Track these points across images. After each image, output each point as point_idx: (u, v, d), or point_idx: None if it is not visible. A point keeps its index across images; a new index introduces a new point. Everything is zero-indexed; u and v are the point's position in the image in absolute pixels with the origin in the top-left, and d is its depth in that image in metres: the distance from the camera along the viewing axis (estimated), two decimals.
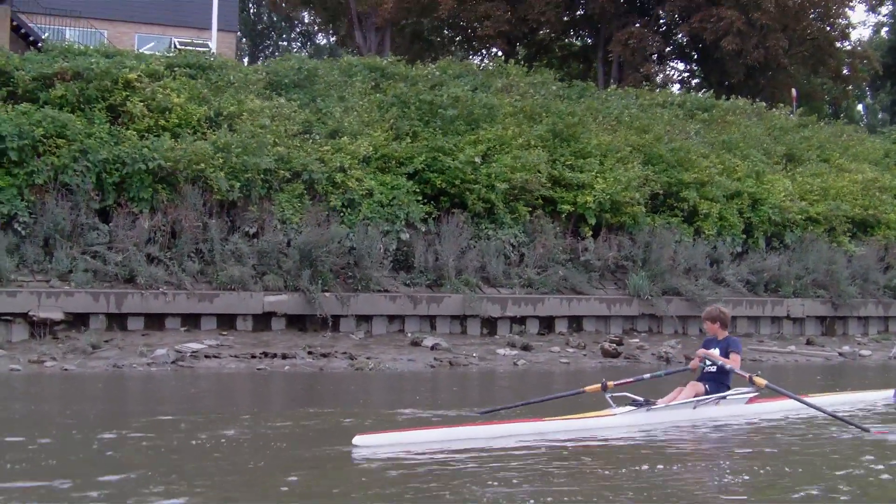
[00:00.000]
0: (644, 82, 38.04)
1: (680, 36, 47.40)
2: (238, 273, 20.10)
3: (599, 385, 12.54)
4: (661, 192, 25.65)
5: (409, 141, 23.90)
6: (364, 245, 21.22)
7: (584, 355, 20.77)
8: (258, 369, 17.50)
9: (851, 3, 49.14)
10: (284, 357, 18.40)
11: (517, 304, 22.18)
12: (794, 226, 27.01)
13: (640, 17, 45.45)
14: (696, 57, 50.47)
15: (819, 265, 26.12)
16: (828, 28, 47.67)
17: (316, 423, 11.79)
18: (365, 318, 21.16)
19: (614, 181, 24.44)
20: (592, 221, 24.16)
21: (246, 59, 65.29)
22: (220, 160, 21.24)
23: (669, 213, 25.80)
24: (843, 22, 48.04)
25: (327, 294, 20.50)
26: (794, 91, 40.94)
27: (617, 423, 12.24)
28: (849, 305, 26.10)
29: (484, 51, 50.59)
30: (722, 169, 27.36)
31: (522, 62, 37.27)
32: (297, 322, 20.71)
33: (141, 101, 22.23)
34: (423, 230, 22.47)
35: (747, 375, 12.54)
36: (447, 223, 22.59)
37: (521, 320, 22.40)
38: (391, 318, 21.37)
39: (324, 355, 18.76)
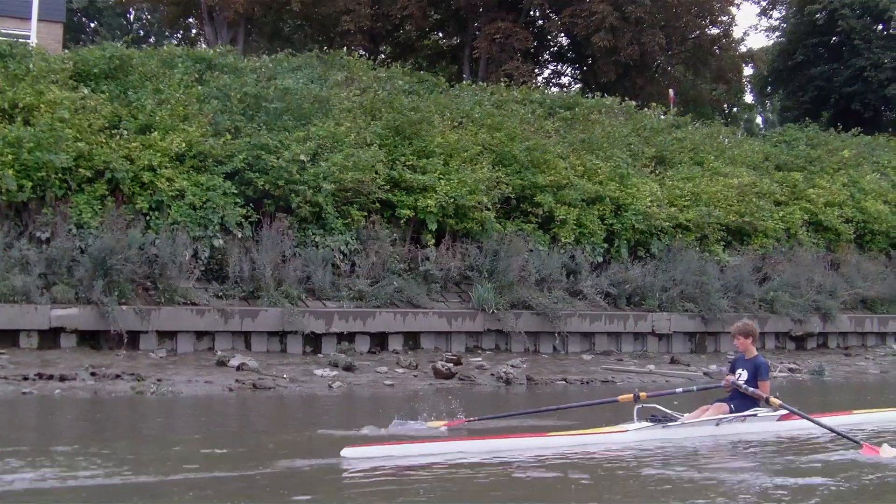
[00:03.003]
0: (509, 80, 37.08)
1: (554, 33, 46.83)
2: (21, 283, 18.71)
3: (632, 395, 13.30)
4: (513, 195, 24.75)
5: (230, 137, 22.69)
6: (168, 252, 19.94)
7: (415, 376, 19.73)
8: (24, 393, 16.13)
9: (736, 2, 49.16)
10: (63, 379, 17.03)
11: (344, 318, 21.09)
12: (661, 233, 26.29)
13: (509, 12, 44.71)
14: (570, 56, 50.07)
15: (688, 276, 25.46)
16: (710, 27, 47.48)
17: None
18: (169, 335, 19.91)
19: (459, 183, 23.47)
20: (434, 227, 23.22)
21: None
22: (10, 156, 19.85)
23: (523, 219, 24.92)
24: (725, 18, 47.87)
25: (125, 307, 19.20)
26: (671, 91, 40.51)
27: (629, 438, 12.65)
28: (720, 320, 25.42)
29: (346, 49, 49.52)
30: (582, 171, 26.56)
31: (388, 61, 36.37)
32: (91, 339, 19.40)
33: None
34: (240, 236, 21.24)
35: (764, 396, 13.20)
36: (269, 228, 21.43)
37: (350, 337, 21.32)
38: (200, 335, 20.17)
39: (109, 377, 17.42)
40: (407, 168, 23.81)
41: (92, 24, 65.07)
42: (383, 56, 47.44)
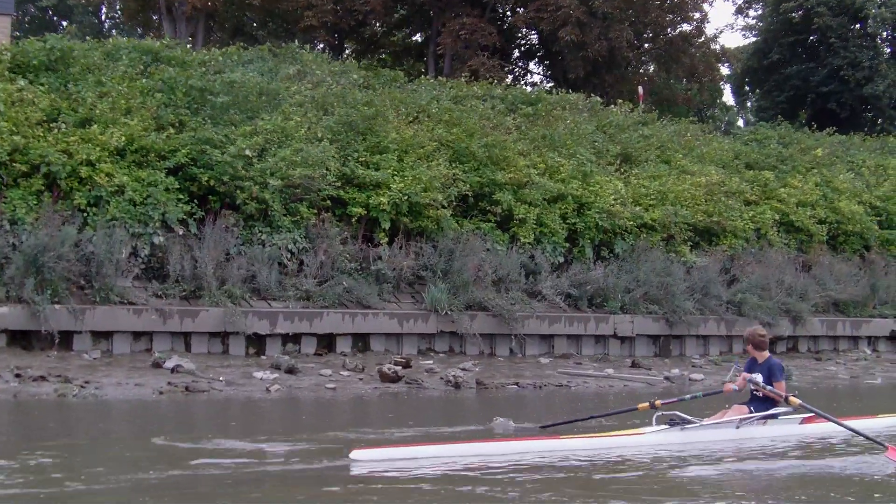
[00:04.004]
0: (474, 76, 36.73)
1: (522, 30, 46.58)
2: None
3: (648, 404, 13.77)
4: (470, 193, 24.30)
5: (174, 132, 22.18)
6: (105, 249, 19.41)
7: (361, 379, 19.26)
8: None
9: None
10: None
11: (290, 319, 20.61)
12: (625, 233, 25.86)
13: (474, 7, 44.37)
14: (539, 53, 49.87)
15: (652, 277, 25.03)
16: (682, 23, 47.30)
17: None
18: (105, 336, 19.40)
19: (414, 180, 23.01)
20: (387, 225, 22.75)
21: None
22: None
23: (481, 217, 24.49)
24: (698, 15, 47.65)
25: (57, 306, 18.68)
26: (640, 88, 40.15)
27: (646, 441, 12.82)
28: (685, 323, 25.10)
29: (309, 45, 49.15)
30: (544, 169, 26.13)
31: (350, 56, 35.97)
32: (23, 339, 18.87)
33: None
34: (182, 233, 20.73)
35: (783, 395, 13.44)
36: (213, 225, 20.93)
37: (296, 338, 20.83)
38: (137, 336, 19.66)
39: (34, 378, 16.90)
40: (359, 164, 23.32)
41: (64, 24, 64.51)
42: (348, 52, 47.08)
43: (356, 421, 14.87)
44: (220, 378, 18.14)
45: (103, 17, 68.36)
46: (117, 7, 61.03)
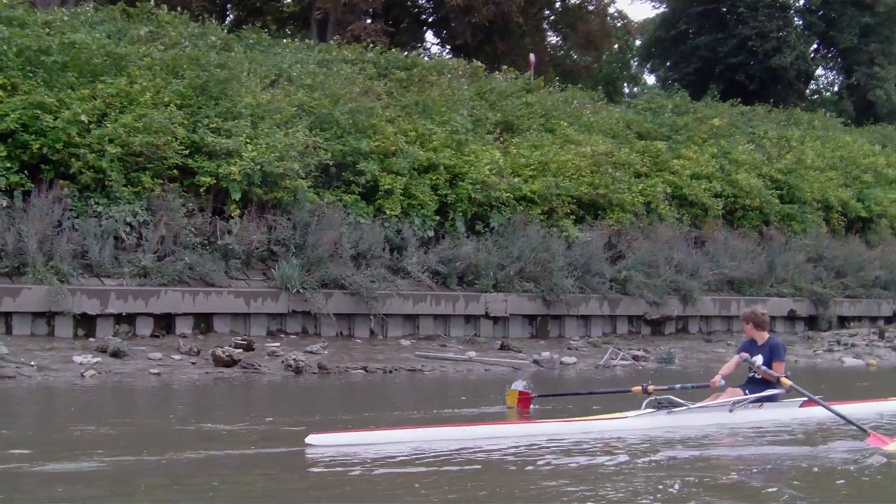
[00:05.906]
0: (355, 42, 35.80)
1: None
2: None
3: (641, 388, 13.62)
4: (331, 163, 23.37)
5: (4, 95, 21.02)
6: None
7: (193, 363, 18.27)
8: None
9: None
10: None
11: (123, 298, 19.58)
12: (502, 206, 25.04)
13: None
14: (429, 20, 49.20)
15: (528, 252, 24.22)
16: None
17: None
18: None
19: (268, 148, 22.04)
20: (237, 197, 21.75)
21: None
22: None
23: (344, 189, 23.56)
24: None
25: None
26: (531, 56, 39.40)
27: (627, 426, 12.52)
28: (564, 302, 24.37)
29: (188, 12, 47.92)
30: (415, 137, 25.29)
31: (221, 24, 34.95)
32: None
33: None
34: (5, 204, 19.60)
35: (776, 376, 13.30)
36: (42, 196, 19.83)
37: (131, 319, 19.78)
38: None
39: None
40: (210, 131, 22.28)
41: None
42: (230, 20, 45.98)
43: (140, 411, 13.89)
44: (32, 363, 17.01)
45: None
46: None
